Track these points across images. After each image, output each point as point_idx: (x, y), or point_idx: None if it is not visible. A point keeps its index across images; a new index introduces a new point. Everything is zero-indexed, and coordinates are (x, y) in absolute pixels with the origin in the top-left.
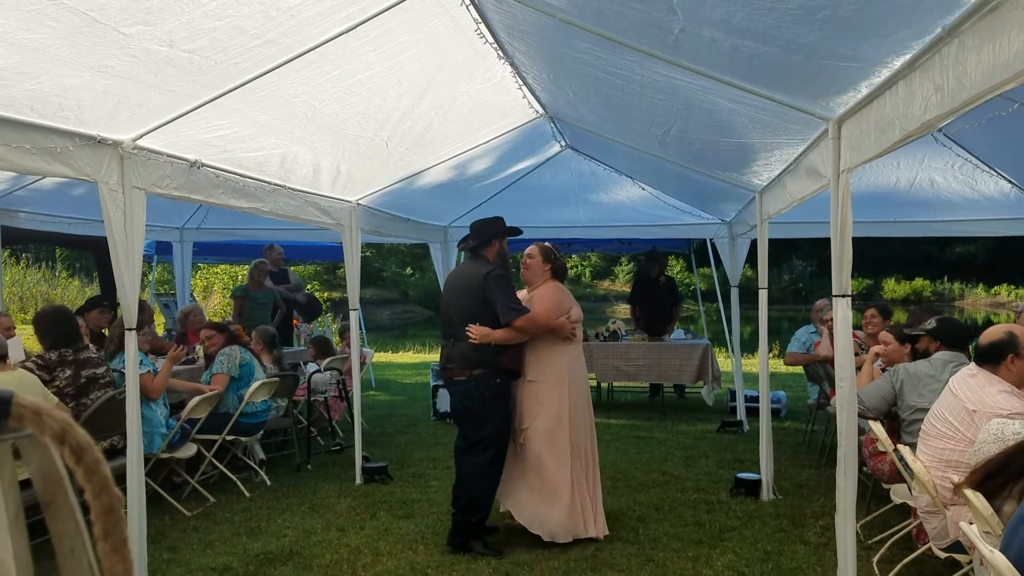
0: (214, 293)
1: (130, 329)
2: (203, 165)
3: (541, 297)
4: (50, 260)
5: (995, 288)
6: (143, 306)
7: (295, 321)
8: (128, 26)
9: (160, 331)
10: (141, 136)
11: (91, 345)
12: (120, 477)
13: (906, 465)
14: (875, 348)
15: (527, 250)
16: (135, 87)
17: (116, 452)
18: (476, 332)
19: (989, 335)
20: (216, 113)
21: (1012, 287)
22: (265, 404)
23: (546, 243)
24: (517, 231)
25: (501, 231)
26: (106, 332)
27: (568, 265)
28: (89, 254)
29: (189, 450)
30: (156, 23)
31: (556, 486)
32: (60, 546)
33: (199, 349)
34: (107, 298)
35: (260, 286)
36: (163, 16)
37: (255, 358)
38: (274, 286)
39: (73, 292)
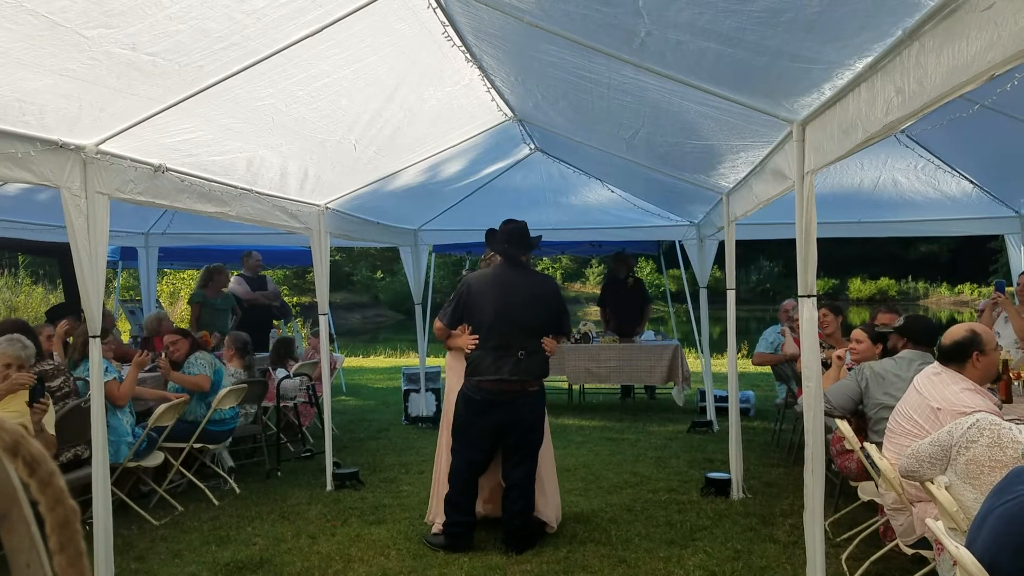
0: (180, 299)
1: (94, 337)
2: (168, 169)
3: None
4: (13, 267)
5: (958, 287)
6: (104, 314)
7: (277, 328)
8: (89, 29)
9: (126, 338)
10: (104, 141)
11: (55, 354)
12: (86, 487)
13: (873, 463)
14: (839, 351)
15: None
16: (97, 91)
17: (82, 461)
18: (552, 346)
19: (952, 335)
20: (181, 117)
21: (975, 286)
22: (233, 411)
23: None
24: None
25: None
26: (71, 340)
27: (539, 267)
28: (53, 261)
29: (156, 458)
30: (118, 26)
31: None
32: (15, 561)
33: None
34: (74, 306)
35: (218, 292)
36: (126, 19)
37: (222, 365)
38: (251, 292)
39: (37, 299)
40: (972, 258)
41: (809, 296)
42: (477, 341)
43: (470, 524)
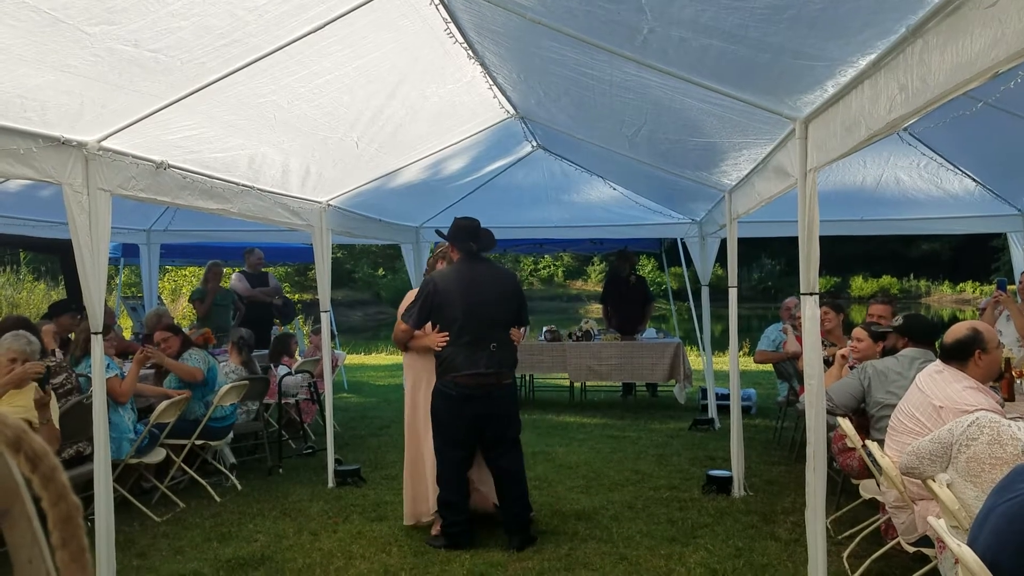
0: (182, 296)
1: (96, 333)
2: (170, 166)
3: None
4: (15, 263)
5: (960, 285)
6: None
7: (279, 326)
8: (92, 25)
9: (128, 335)
10: (106, 137)
11: (57, 351)
12: (88, 483)
13: (874, 461)
14: (843, 350)
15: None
16: (100, 87)
17: (84, 458)
18: (519, 337)
19: (954, 333)
20: (182, 113)
21: (976, 284)
22: (232, 407)
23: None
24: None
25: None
26: (72, 336)
27: (541, 265)
28: (55, 257)
29: (158, 455)
30: (120, 22)
31: None
32: (17, 557)
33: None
34: (75, 302)
35: (218, 288)
36: (128, 15)
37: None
38: (250, 288)
39: (39, 296)
40: (974, 256)
41: (811, 294)
42: (448, 339)
43: (468, 521)
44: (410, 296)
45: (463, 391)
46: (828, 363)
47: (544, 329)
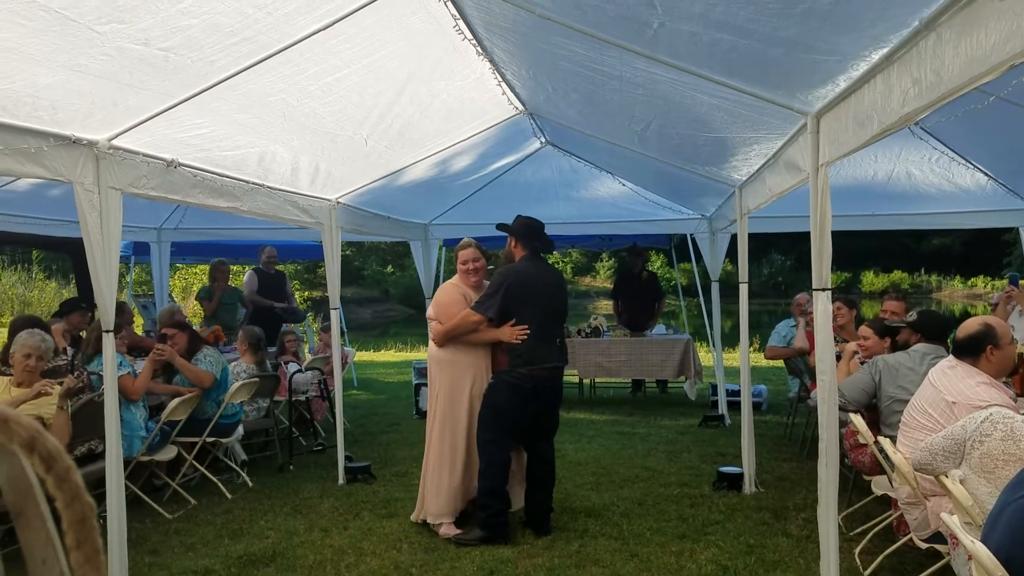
0: (193, 294)
1: (107, 331)
2: (180, 164)
3: None
4: (26, 262)
5: (971, 280)
6: (122, 308)
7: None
8: (102, 24)
9: (138, 332)
10: (117, 136)
11: (68, 349)
12: (100, 481)
13: (887, 457)
14: (851, 345)
15: (473, 254)
16: (110, 86)
17: (95, 456)
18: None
19: (966, 328)
20: (192, 112)
21: (988, 278)
22: (239, 403)
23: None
24: None
25: None
26: (83, 334)
27: (550, 261)
28: (66, 256)
29: (169, 452)
30: (130, 21)
31: None
32: (31, 557)
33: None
34: (85, 300)
35: (225, 286)
36: (137, 14)
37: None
38: (255, 292)
39: (50, 294)
40: (986, 251)
41: (823, 289)
42: (527, 332)
43: (506, 511)
44: (446, 289)
45: (537, 384)
46: (838, 359)
47: None
